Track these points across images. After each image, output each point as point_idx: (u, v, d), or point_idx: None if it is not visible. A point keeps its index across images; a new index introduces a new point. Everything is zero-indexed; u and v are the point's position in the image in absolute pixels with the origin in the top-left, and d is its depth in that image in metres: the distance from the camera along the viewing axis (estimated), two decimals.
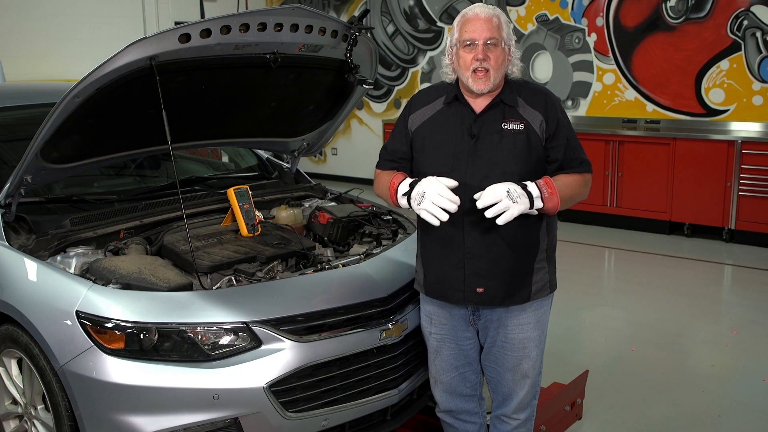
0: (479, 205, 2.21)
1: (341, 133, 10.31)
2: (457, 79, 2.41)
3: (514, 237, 2.37)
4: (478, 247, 2.37)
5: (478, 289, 2.40)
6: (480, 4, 2.40)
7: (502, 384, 2.55)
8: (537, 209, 2.27)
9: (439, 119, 2.44)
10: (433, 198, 2.23)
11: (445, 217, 2.23)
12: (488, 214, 2.20)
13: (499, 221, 2.20)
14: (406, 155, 2.51)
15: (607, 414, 3.53)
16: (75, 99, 2.48)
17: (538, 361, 2.53)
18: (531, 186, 2.26)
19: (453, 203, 2.23)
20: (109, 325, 2.31)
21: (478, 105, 2.39)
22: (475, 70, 2.31)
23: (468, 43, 2.32)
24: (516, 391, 2.54)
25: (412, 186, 2.32)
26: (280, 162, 3.86)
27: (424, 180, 2.29)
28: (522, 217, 2.29)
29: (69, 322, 2.35)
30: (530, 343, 2.49)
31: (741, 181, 6.41)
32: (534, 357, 2.51)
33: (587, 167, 2.43)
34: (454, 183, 2.27)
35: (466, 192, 2.32)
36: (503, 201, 2.19)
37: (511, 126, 2.35)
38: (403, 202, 2.36)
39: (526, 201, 2.22)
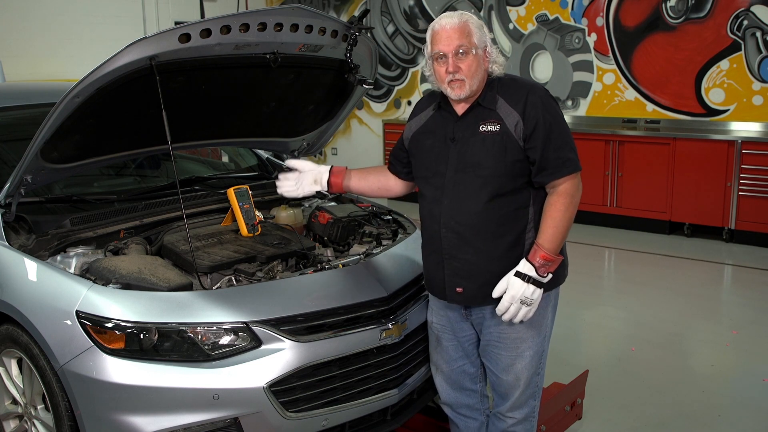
0: (504, 318, 2.39)
1: (341, 133, 10.31)
2: None
3: (492, 239, 2.36)
4: (454, 249, 2.41)
5: (457, 289, 2.44)
6: (448, 13, 2.37)
7: (498, 382, 2.56)
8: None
9: (430, 125, 2.51)
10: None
11: (280, 191, 2.90)
12: (505, 318, 2.38)
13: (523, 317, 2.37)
14: (402, 159, 2.65)
15: (607, 414, 3.53)
16: (75, 99, 2.48)
17: (533, 361, 2.50)
18: (532, 272, 2.32)
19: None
20: (109, 325, 2.31)
21: (460, 108, 2.42)
22: (450, 81, 2.33)
23: (440, 55, 2.33)
24: (511, 390, 2.53)
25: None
26: (280, 162, 3.86)
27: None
28: (501, 218, 2.35)
29: (69, 322, 2.35)
30: (523, 344, 2.47)
31: (741, 181, 6.41)
32: (528, 357, 2.48)
33: (572, 166, 2.34)
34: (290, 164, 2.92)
35: (443, 194, 2.40)
36: (521, 310, 2.35)
37: (488, 128, 2.35)
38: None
39: (539, 292, 2.34)
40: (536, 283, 2.32)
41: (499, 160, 2.32)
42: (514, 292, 2.32)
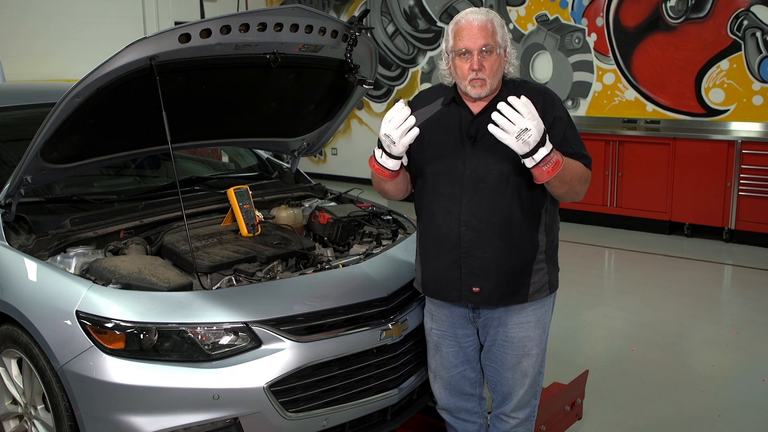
0: (500, 106, 2.13)
1: (341, 133, 10.31)
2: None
3: (510, 237, 2.37)
4: (473, 247, 2.38)
5: (474, 289, 2.41)
6: (472, 9, 2.38)
7: (502, 383, 2.56)
8: (526, 163, 2.19)
9: (439, 120, 2.45)
10: (391, 131, 2.28)
11: (411, 122, 2.26)
12: (491, 127, 2.14)
13: (491, 128, 2.15)
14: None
15: (607, 414, 3.53)
16: (75, 99, 2.48)
17: (538, 360, 2.53)
18: (543, 150, 2.15)
19: (400, 114, 2.27)
20: (109, 325, 2.31)
21: (476, 107, 2.40)
22: (472, 79, 2.31)
23: (463, 51, 2.31)
24: (515, 389, 2.54)
25: (379, 144, 2.36)
26: (280, 162, 3.86)
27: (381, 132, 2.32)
28: (520, 217, 2.34)
29: (69, 322, 2.35)
30: (531, 342, 2.49)
31: (741, 181, 6.41)
32: (534, 356, 2.51)
33: (587, 162, 2.41)
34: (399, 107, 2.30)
35: (462, 192, 2.37)
36: (513, 127, 2.12)
37: None
38: (384, 160, 2.36)
39: (526, 150, 2.14)
40: (533, 149, 2.15)
41: (520, 160, 2.31)
42: (531, 126, 2.13)
